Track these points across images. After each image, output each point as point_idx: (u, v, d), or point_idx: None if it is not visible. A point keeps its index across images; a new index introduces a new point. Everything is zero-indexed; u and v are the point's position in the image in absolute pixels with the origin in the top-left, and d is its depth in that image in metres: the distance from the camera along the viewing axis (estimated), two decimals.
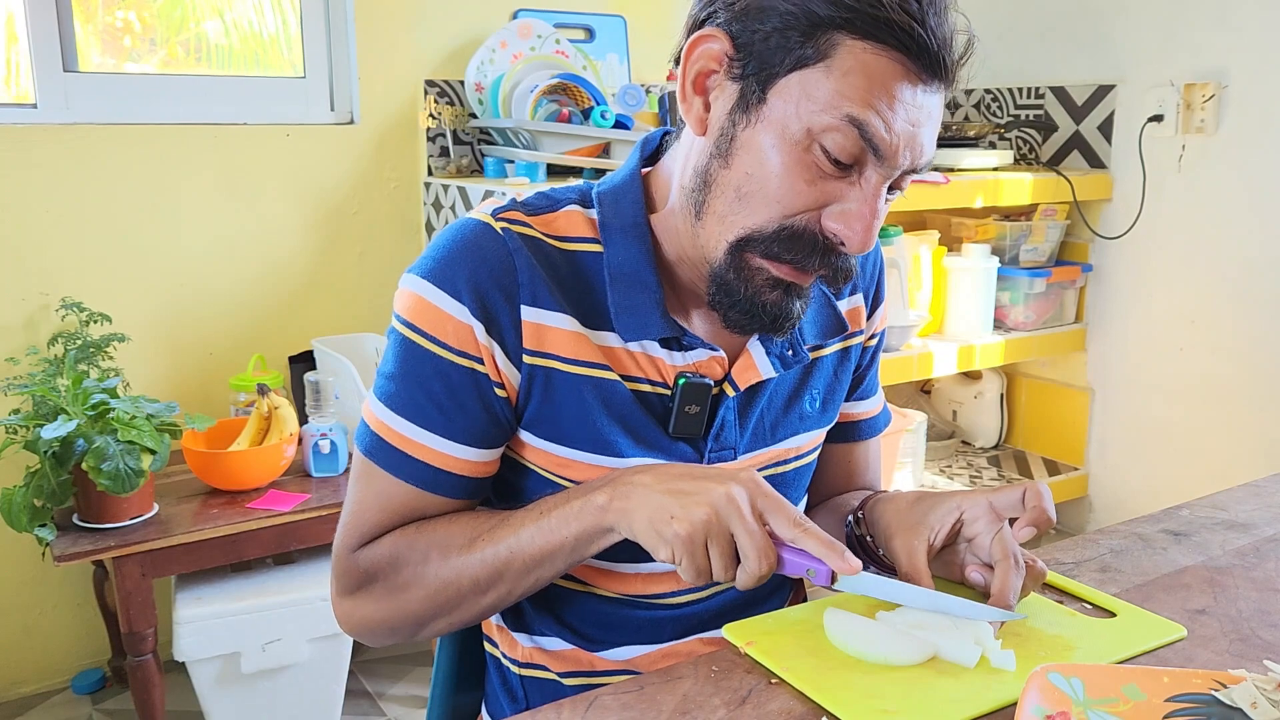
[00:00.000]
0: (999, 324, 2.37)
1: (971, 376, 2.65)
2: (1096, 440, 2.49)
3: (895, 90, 0.72)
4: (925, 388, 2.79)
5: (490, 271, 0.80)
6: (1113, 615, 0.81)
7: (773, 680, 0.71)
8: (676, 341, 0.84)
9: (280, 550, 1.80)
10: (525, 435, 0.84)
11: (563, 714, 0.67)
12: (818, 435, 0.96)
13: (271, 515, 1.75)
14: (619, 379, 0.83)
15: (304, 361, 2.12)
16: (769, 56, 0.74)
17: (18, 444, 1.67)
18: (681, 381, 0.84)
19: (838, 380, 0.97)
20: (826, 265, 0.78)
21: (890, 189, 0.77)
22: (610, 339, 0.83)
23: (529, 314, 0.80)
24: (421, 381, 0.81)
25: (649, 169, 0.88)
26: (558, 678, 0.90)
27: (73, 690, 2.11)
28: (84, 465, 1.60)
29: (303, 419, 1.95)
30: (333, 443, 1.89)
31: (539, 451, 0.84)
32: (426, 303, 0.80)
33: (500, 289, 0.80)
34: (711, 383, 0.85)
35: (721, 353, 0.86)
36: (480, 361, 0.80)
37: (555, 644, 0.90)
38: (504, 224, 0.81)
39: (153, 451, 1.66)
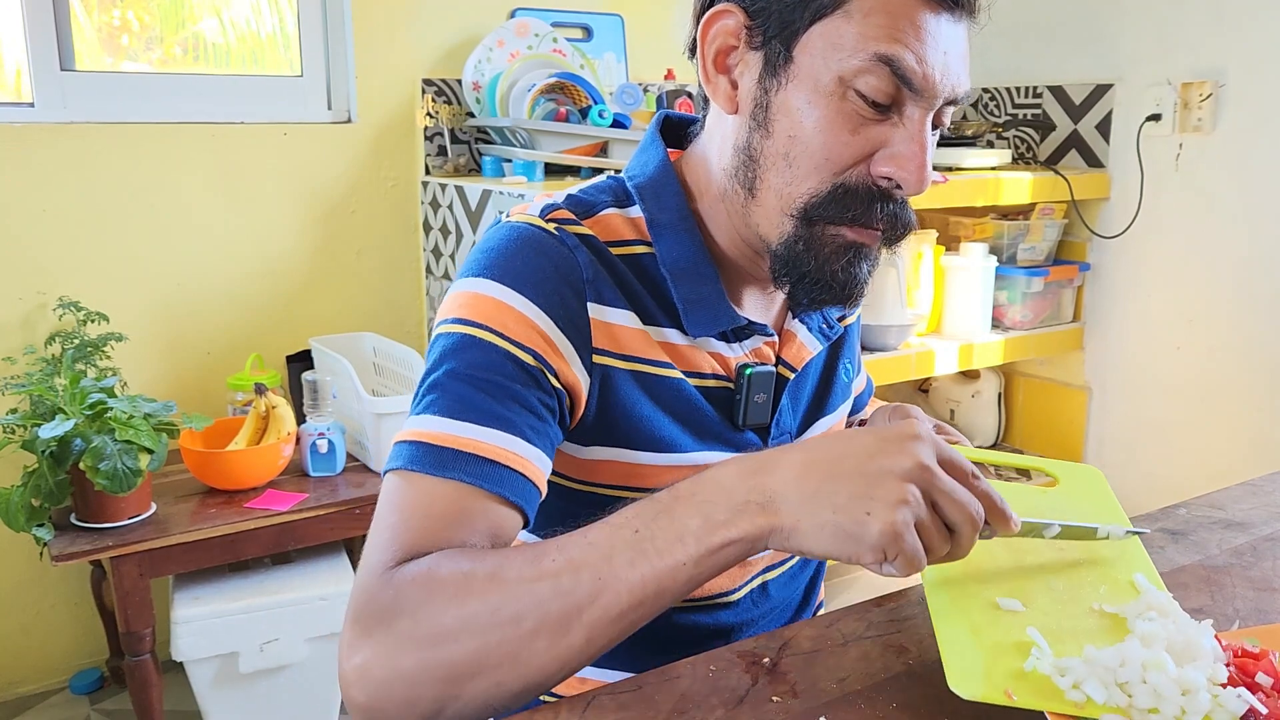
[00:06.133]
0: (996, 323, 2.37)
1: (969, 376, 2.65)
2: (1094, 439, 2.49)
3: (919, 20, 0.72)
4: (923, 387, 2.79)
5: (556, 268, 0.76)
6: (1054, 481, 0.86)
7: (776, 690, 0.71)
8: (732, 333, 0.84)
9: (278, 550, 1.80)
10: (580, 448, 0.81)
11: (560, 714, 0.67)
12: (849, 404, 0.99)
13: (269, 515, 1.75)
14: (683, 376, 0.82)
15: (301, 361, 2.12)
16: (786, 15, 0.74)
17: (15, 443, 1.67)
18: (749, 372, 0.83)
19: (856, 348, 1.00)
20: (886, 215, 0.76)
21: (933, 126, 0.76)
22: (670, 335, 0.81)
23: (595, 311, 0.78)
24: (471, 374, 0.73)
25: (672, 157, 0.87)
26: None
27: (71, 690, 2.11)
28: (81, 465, 1.60)
29: (300, 418, 1.95)
30: (330, 442, 1.89)
31: (596, 464, 0.81)
32: (484, 297, 0.75)
33: (569, 285, 0.76)
34: (774, 369, 0.86)
35: (775, 336, 0.87)
36: (540, 358, 0.74)
37: (617, 675, 0.83)
38: (556, 224, 0.78)
39: (150, 451, 1.66)
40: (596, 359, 0.78)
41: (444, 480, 0.70)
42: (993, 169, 2.28)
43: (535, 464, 0.73)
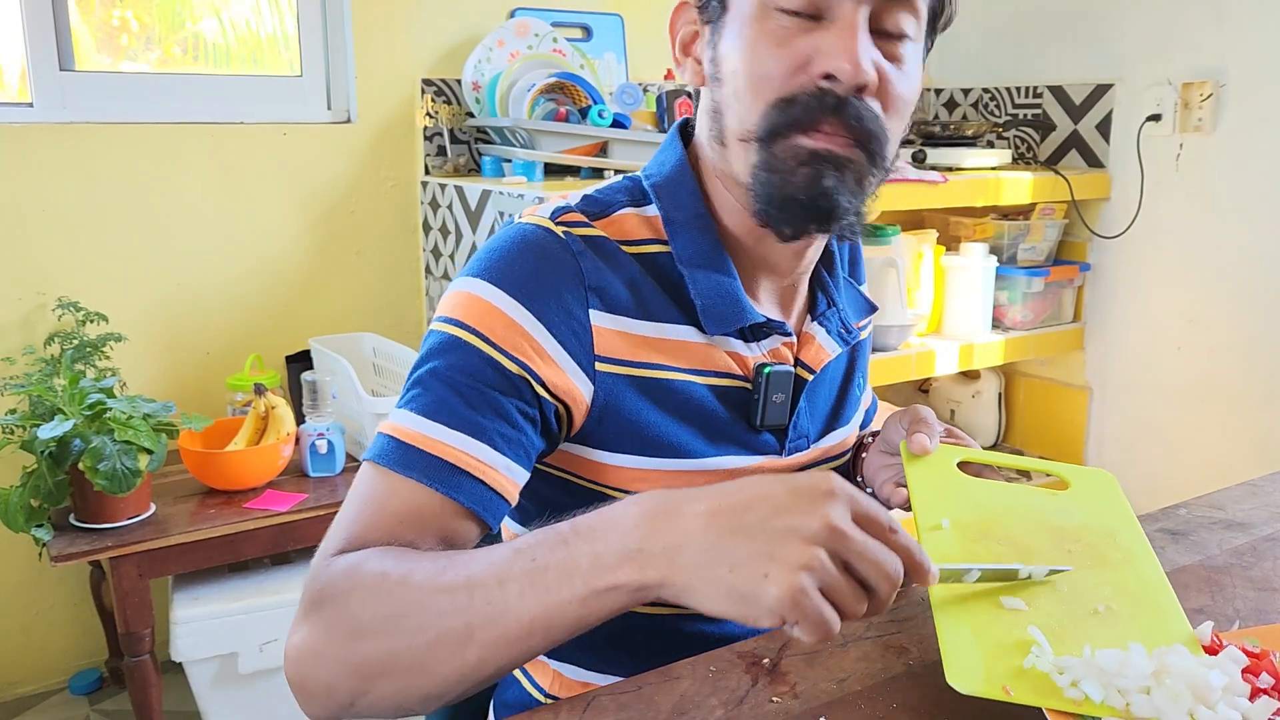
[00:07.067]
0: (997, 323, 2.36)
1: (969, 376, 2.65)
2: (1094, 439, 2.49)
3: None
4: (923, 387, 2.79)
5: (557, 274, 0.76)
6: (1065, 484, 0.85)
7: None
8: (750, 332, 0.84)
9: (277, 550, 1.80)
10: (591, 450, 0.80)
11: (560, 715, 0.67)
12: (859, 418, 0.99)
13: (269, 515, 1.75)
14: (695, 378, 0.81)
15: (301, 361, 2.12)
16: None
17: (14, 444, 1.66)
18: (767, 371, 0.83)
19: (867, 366, 1.00)
20: (844, 121, 0.74)
21: (891, 37, 0.75)
22: (685, 334, 0.81)
23: (598, 318, 0.77)
24: (451, 376, 0.73)
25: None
26: None
27: (70, 690, 2.11)
28: (81, 465, 1.59)
29: (300, 419, 1.95)
30: (330, 443, 1.89)
31: (607, 467, 0.81)
32: (477, 299, 0.75)
33: (570, 292, 0.76)
34: (792, 370, 0.85)
35: (794, 337, 0.86)
36: (525, 366, 0.74)
37: (605, 679, 0.83)
38: (564, 227, 0.78)
39: (149, 451, 1.66)
40: (600, 366, 0.77)
41: (405, 479, 0.71)
42: (993, 169, 2.28)
43: (503, 473, 0.73)
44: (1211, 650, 0.68)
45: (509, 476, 0.74)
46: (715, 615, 0.58)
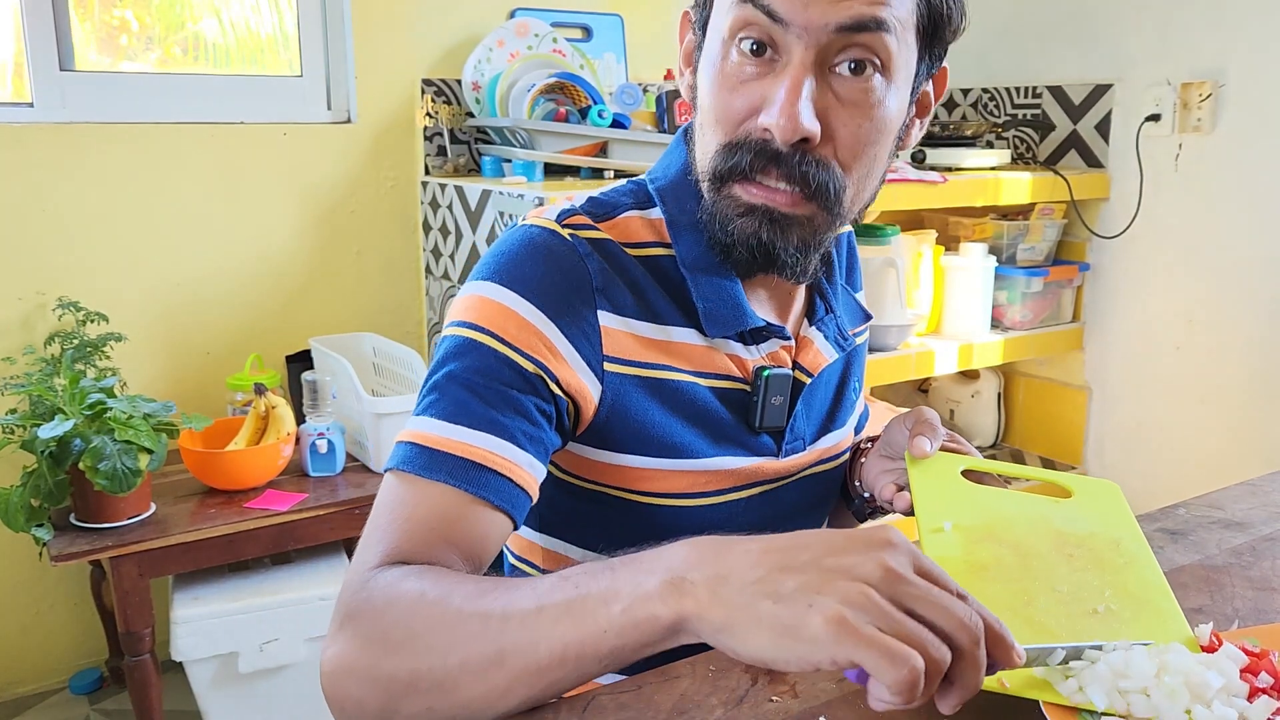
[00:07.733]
0: (996, 323, 2.37)
1: (969, 376, 2.65)
2: (1094, 439, 2.50)
3: None
4: (923, 387, 2.79)
5: (565, 275, 0.77)
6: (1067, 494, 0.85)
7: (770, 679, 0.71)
8: (749, 335, 0.84)
9: (278, 550, 1.80)
10: (594, 450, 0.81)
11: (560, 714, 0.67)
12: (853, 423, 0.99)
13: (269, 515, 1.75)
14: (698, 379, 0.82)
15: (301, 361, 2.12)
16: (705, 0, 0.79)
17: (15, 444, 1.67)
18: (766, 373, 0.84)
19: (863, 371, 1.01)
20: (786, 172, 0.73)
21: (851, 74, 0.72)
22: (687, 337, 0.82)
23: (606, 319, 0.78)
24: (469, 378, 0.74)
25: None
26: None
27: (70, 690, 2.11)
28: (81, 465, 1.59)
29: (300, 418, 1.95)
30: (330, 442, 1.89)
31: (610, 467, 0.81)
32: (489, 301, 0.76)
33: (578, 294, 0.77)
34: (790, 373, 0.86)
35: (792, 341, 0.87)
36: (540, 364, 0.75)
37: (605, 678, 0.84)
38: (570, 230, 0.79)
39: (150, 451, 1.66)
40: (609, 367, 0.78)
41: (432, 483, 0.70)
42: (992, 169, 2.28)
43: (526, 469, 0.74)
44: (1210, 650, 0.68)
45: (531, 473, 0.74)
46: (755, 660, 0.53)
